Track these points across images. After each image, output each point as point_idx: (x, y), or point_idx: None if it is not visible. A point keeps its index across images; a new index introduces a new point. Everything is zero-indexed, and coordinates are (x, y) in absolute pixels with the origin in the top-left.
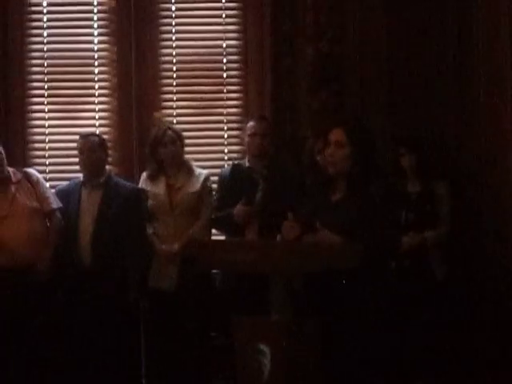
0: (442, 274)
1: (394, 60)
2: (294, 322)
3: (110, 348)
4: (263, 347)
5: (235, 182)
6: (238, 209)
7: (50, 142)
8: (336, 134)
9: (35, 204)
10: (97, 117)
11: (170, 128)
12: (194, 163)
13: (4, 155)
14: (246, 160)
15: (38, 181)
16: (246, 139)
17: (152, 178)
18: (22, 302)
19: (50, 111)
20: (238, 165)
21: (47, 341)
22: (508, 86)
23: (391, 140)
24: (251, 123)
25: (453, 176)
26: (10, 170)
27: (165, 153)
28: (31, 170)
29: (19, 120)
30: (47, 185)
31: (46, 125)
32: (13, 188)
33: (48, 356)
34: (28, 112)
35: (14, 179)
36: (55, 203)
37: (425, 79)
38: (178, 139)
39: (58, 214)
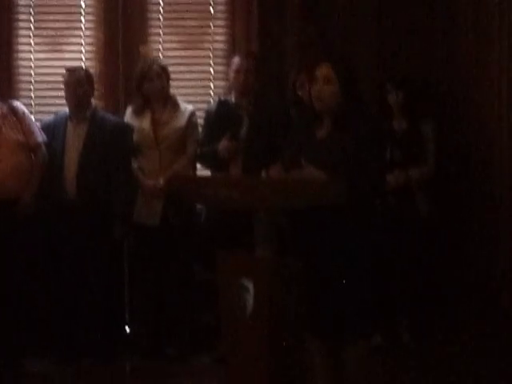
0: (425, 212)
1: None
2: (278, 259)
3: (93, 281)
4: (247, 283)
5: (221, 117)
6: (223, 144)
7: (36, 75)
8: (324, 70)
9: (20, 137)
10: (83, 50)
11: (155, 62)
12: (180, 98)
13: None
14: (232, 96)
15: (23, 114)
16: (232, 75)
17: (137, 113)
18: (8, 235)
19: (36, 44)
20: (224, 100)
21: (31, 274)
22: (495, 30)
23: (379, 77)
24: (236, 59)
25: (439, 115)
26: None
27: (150, 87)
28: (17, 104)
29: (5, 53)
30: (33, 118)
31: (32, 58)
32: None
33: (31, 289)
34: (14, 44)
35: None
36: (40, 137)
37: (413, 19)
38: (163, 74)
39: (44, 148)
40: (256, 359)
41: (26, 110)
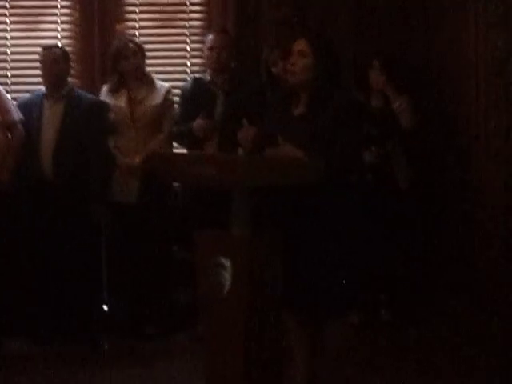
0: (404, 185)
1: None
2: (255, 236)
3: (71, 260)
4: (224, 261)
5: (196, 95)
6: (198, 123)
7: (11, 53)
8: (299, 44)
9: None
10: (59, 29)
11: (131, 40)
12: (157, 76)
13: None
14: (207, 74)
15: None
16: (206, 53)
17: (113, 91)
18: None
19: (11, 23)
20: (199, 78)
21: (7, 254)
22: (471, 6)
23: (360, 53)
24: (210, 36)
25: (417, 91)
26: None
27: (126, 65)
28: None
29: None
30: (9, 97)
31: (8, 36)
32: None
33: (7, 269)
34: None
35: None
36: (17, 115)
37: None
38: (139, 52)
39: (20, 126)
40: (234, 337)
41: (2, 89)
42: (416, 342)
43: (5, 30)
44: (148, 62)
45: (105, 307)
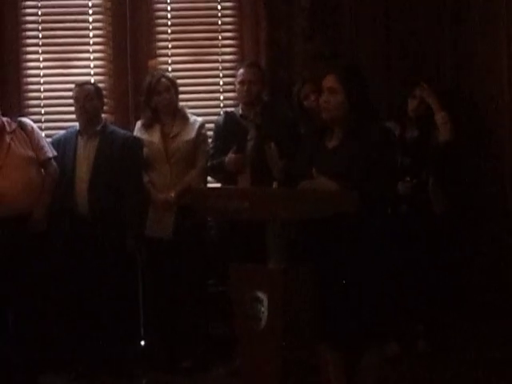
0: (440, 208)
1: (391, 6)
2: (291, 270)
3: (108, 297)
4: (260, 295)
5: (228, 129)
6: (229, 157)
7: (45, 91)
8: (329, 81)
9: (30, 153)
10: (92, 65)
11: (164, 76)
12: (190, 111)
13: None
14: (240, 108)
15: (32, 130)
16: (237, 86)
17: (147, 127)
18: (20, 251)
19: (44, 60)
20: (231, 112)
21: (45, 290)
22: (503, 33)
23: (395, 83)
24: (241, 70)
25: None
26: (5, 119)
27: (159, 101)
28: (26, 120)
29: (14, 69)
30: (42, 134)
31: (41, 74)
32: (7, 138)
33: (46, 306)
34: (23, 61)
35: (8, 129)
36: (50, 152)
37: (421, 25)
38: (172, 87)
39: (54, 163)
40: (270, 371)
41: (35, 126)
42: (454, 373)
43: (38, 67)
44: (181, 96)
45: (142, 342)
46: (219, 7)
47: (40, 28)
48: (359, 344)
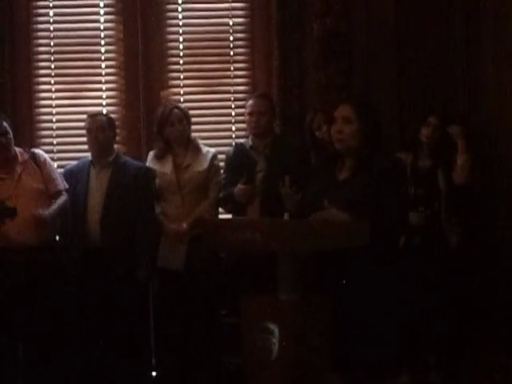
0: (454, 245)
1: (402, 35)
2: (303, 301)
3: (119, 327)
4: (271, 326)
5: (238, 161)
6: (238, 188)
7: (57, 121)
8: (343, 110)
9: (41, 185)
10: (104, 96)
11: (176, 106)
12: (202, 142)
13: (11, 135)
14: (250, 139)
15: (45, 162)
16: (246, 118)
17: (159, 157)
18: (30, 283)
19: (56, 91)
20: (241, 144)
21: (56, 322)
22: None
23: (407, 113)
24: (250, 101)
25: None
26: (17, 150)
27: (171, 132)
28: (39, 151)
29: (26, 100)
30: (55, 166)
31: (53, 104)
32: (19, 169)
33: (56, 336)
34: (35, 92)
35: (20, 159)
36: (62, 184)
37: (433, 54)
38: (184, 118)
39: (65, 195)
40: None
41: (48, 158)
42: None
43: (50, 98)
44: (193, 127)
45: (153, 373)
46: (231, 38)
47: (52, 59)
48: (370, 375)
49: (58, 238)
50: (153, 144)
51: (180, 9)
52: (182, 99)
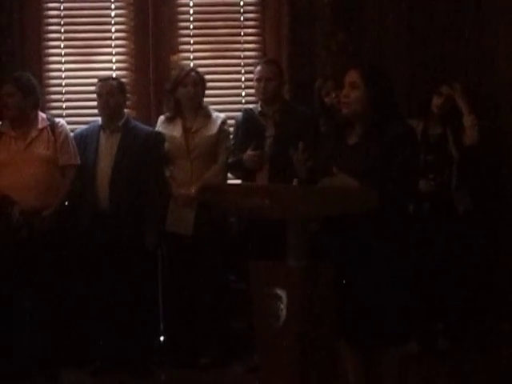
0: (462, 212)
1: (415, 2)
2: (311, 267)
3: (127, 292)
4: (279, 292)
5: (247, 127)
6: (247, 154)
7: (66, 85)
8: (351, 76)
9: (51, 154)
10: (113, 60)
11: (194, 70)
12: (212, 107)
13: (20, 98)
14: (259, 105)
15: (61, 132)
16: (255, 84)
17: (169, 121)
18: (39, 244)
19: (66, 55)
20: (250, 110)
21: (64, 285)
22: None
23: (418, 79)
24: (258, 67)
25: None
26: (41, 115)
27: (184, 93)
28: (60, 121)
29: (36, 64)
30: (72, 139)
31: (63, 68)
32: (33, 133)
33: (64, 301)
34: (44, 56)
35: (39, 125)
36: (73, 159)
37: (444, 22)
38: (200, 82)
39: (74, 171)
40: (289, 368)
41: (67, 130)
42: (474, 371)
43: (59, 62)
44: None
45: (161, 338)
46: (242, 3)
47: (62, 23)
48: (379, 343)
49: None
50: (163, 105)
51: None
52: (191, 64)
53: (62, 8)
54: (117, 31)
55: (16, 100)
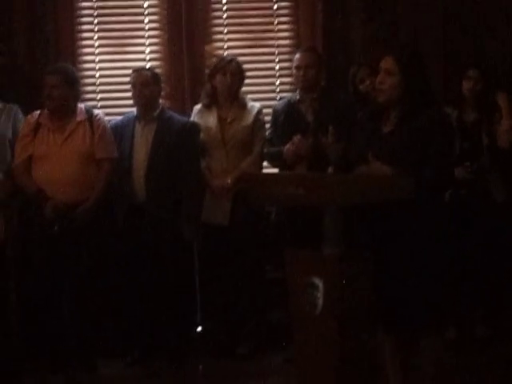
0: (501, 197)
1: None
2: (347, 256)
3: (165, 282)
4: (316, 280)
5: (286, 115)
6: (288, 149)
7: (100, 77)
8: (386, 62)
9: (88, 148)
10: (147, 51)
11: (236, 60)
12: (246, 96)
13: (66, 89)
14: (297, 93)
15: (99, 126)
16: (294, 72)
17: (204, 110)
18: (77, 236)
19: (99, 46)
20: (289, 98)
21: (102, 276)
22: None
23: (453, 65)
24: (297, 55)
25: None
26: (80, 106)
27: (221, 81)
28: (98, 113)
29: (69, 56)
30: (110, 132)
31: (97, 60)
32: (72, 126)
33: (102, 292)
34: (78, 48)
35: (78, 118)
36: (111, 152)
37: (480, 7)
38: (239, 73)
39: (111, 164)
40: (326, 357)
41: (105, 122)
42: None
43: (93, 54)
44: None
45: (198, 328)
46: None
47: (95, 14)
48: (416, 330)
49: None
50: (197, 98)
51: None
52: (225, 53)
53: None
54: (150, 21)
55: (61, 91)
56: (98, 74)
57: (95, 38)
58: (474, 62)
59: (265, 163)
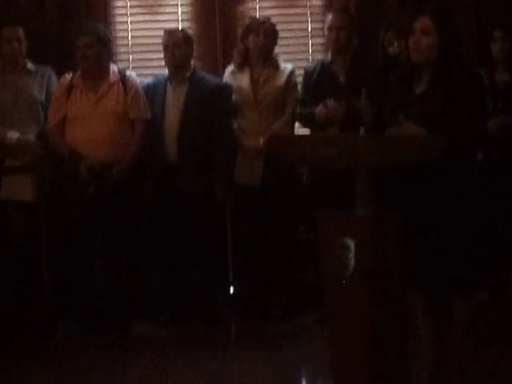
0: None
1: None
2: (379, 216)
3: (196, 243)
4: (348, 241)
5: (318, 77)
6: (320, 111)
7: (132, 38)
8: (422, 22)
9: (121, 109)
10: (179, 11)
11: (270, 21)
12: (279, 57)
13: (99, 49)
14: (329, 54)
15: (132, 87)
16: (326, 33)
17: (237, 71)
18: (109, 198)
19: (132, 7)
20: (321, 59)
21: (134, 238)
22: None
23: (483, 27)
24: (329, 16)
25: None
26: (113, 67)
27: (254, 41)
28: (131, 74)
29: (101, 17)
30: (142, 93)
31: (129, 21)
32: (105, 87)
33: (135, 254)
34: (110, 9)
35: (111, 79)
36: (143, 113)
37: None
38: (272, 34)
39: (145, 125)
40: (358, 318)
41: (138, 83)
42: None
43: (125, 15)
44: None
45: (231, 289)
46: None
47: None
48: (449, 291)
49: None
50: (229, 59)
51: None
52: (257, 14)
53: None
54: None
55: (95, 51)
56: (130, 35)
57: None
58: (499, 23)
59: (297, 124)
